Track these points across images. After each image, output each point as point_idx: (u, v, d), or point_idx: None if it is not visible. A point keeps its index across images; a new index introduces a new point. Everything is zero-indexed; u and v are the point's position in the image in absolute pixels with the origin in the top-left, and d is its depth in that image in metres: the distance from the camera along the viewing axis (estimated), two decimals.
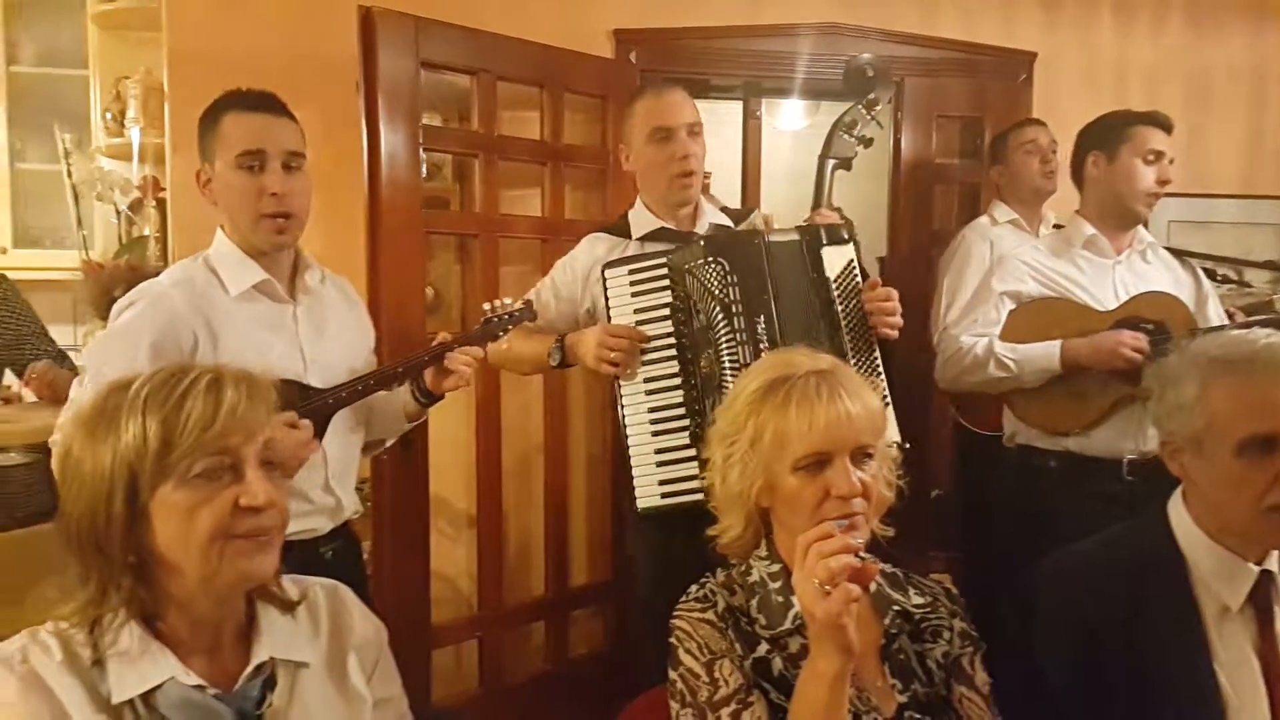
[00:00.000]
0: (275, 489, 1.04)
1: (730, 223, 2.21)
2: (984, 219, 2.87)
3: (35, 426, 2.36)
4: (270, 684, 1.06)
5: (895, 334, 1.93)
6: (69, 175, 2.88)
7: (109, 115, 2.97)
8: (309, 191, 1.75)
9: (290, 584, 1.14)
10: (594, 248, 2.18)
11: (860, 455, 1.23)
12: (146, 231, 2.73)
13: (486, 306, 1.88)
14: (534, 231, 2.73)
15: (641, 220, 2.18)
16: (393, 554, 2.44)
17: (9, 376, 2.60)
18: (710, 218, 2.19)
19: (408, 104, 2.40)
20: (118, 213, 2.77)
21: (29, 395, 2.49)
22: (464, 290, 2.76)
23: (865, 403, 1.24)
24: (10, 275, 2.73)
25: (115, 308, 1.70)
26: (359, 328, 1.92)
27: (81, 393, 1.66)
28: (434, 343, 1.83)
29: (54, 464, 1.62)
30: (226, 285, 1.72)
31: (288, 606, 1.12)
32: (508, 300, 1.90)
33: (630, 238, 2.17)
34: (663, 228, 2.15)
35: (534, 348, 2.14)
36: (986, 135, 3.12)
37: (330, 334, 1.81)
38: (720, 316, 1.88)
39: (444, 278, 2.80)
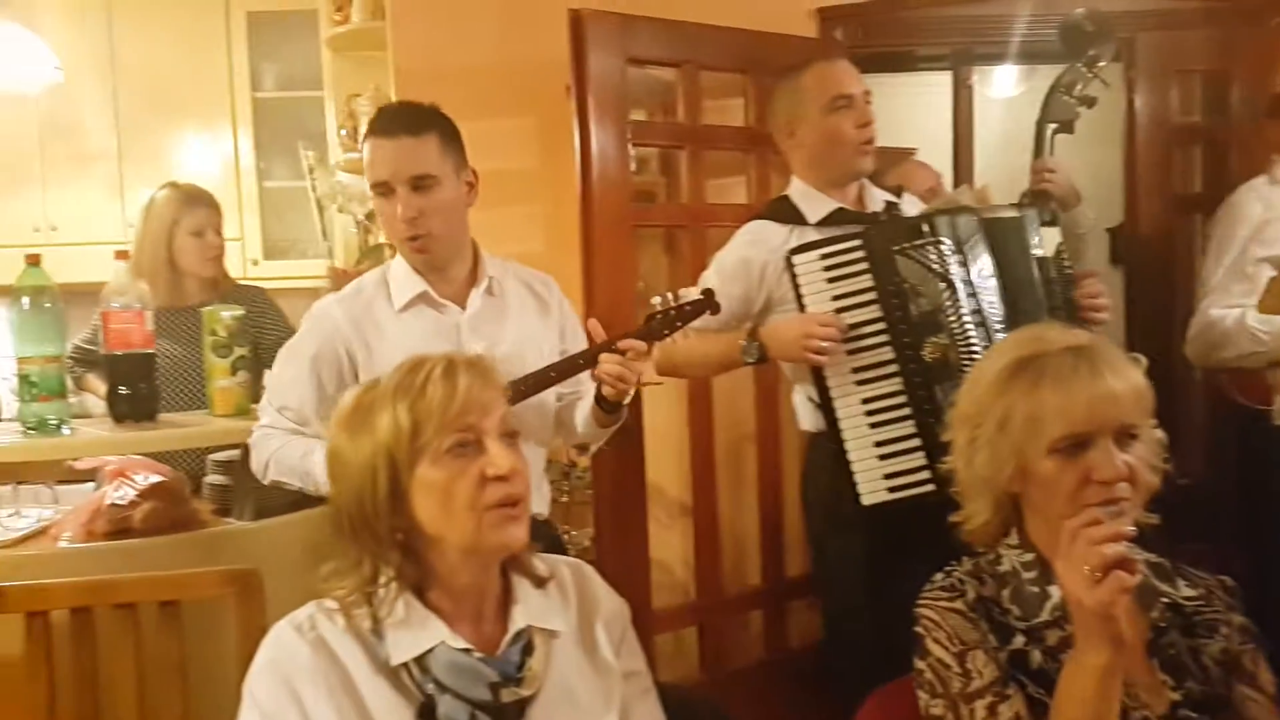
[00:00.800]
0: (518, 459, 1.10)
1: (895, 201, 2.11)
2: (1261, 178, 2.57)
3: None
4: (529, 650, 1.12)
5: (1102, 322, 1.82)
6: (313, 190, 3.13)
7: (343, 132, 3.20)
8: (446, 207, 1.74)
9: (539, 561, 1.20)
10: (765, 237, 2.08)
11: (1124, 436, 1.15)
12: (381, 239, 2.93)
13: (655, 301, 1.73)
14: (740, 220, 2.68)
15: (815, 203, 2.07)
16: (613, 540, 2.50)
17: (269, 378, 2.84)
18: (879, 195, 2.09)
19: (616, 101, 2.45)
20: (356, 223, 2.98)
21: None
22: (672, 282, 2.79)
23: (1129, 379, 1.16)
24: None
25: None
26: (545, 331, 1.89)
27: (262, 401, 1.84)
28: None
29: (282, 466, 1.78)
30: (393, 298, 1.80)
31: (539, 581, 1.18)
32: (683, 291, 1.75)
33: (803, 223, 2.06)
34: (841, 209, 2.04)
35: (718, 348, 2.04)
36: (1234, 89, 2.83)
37: (505, 341, 1.81)
38: (947, 299, 1.79)
39: (652, 270, 2.84)
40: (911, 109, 3.52)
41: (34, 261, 2.10)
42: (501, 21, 2.67)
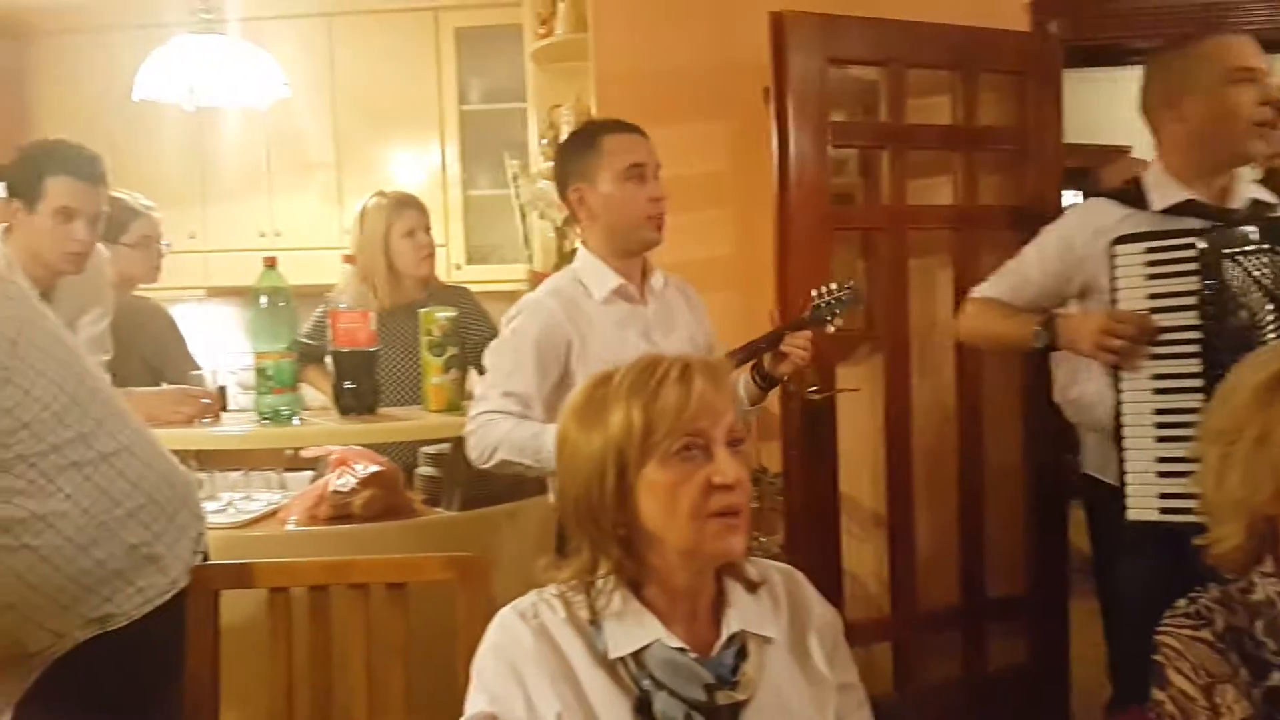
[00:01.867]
0: (743, 468, 1.09)
1: (1275, 199, 1.92)
2: None
3: None
4: (743, 654, 1.12)
5: None
6: (517, 197, 3.25)
7: (544, 141, 3.31)
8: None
9: (751, 565, 1.19)
10: (1095, 218, 1.95)
11: None
12: (577, 245, 3.01)
13: (814, 292, 1.94)
14: (944, 221, 2.62)
15: (1165, 189, 1.90)
16: (804, 549, 2.46)
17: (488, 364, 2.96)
18: (1248, 192, 1.91)
19: (816, 103, 2.42)
20: (555, 229, 3.07)
21: None
22: (869, 285, 2.72)
23: None
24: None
25: (504, 318, 1.95)
26: (699, 327, 2.08)
27: (481, 389, 1.93)
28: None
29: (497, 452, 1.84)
30: (591, 292, 1.93)
31: (752, 586, 1.17)
32: (833, 285, 1.95)
33: (1147, 208, 1.91)
34: (1192, 200, 1.87)
35: (1012, 326, 2.01)
36: None
37: (678, 331, 2.00)
38: (1269, 315, 1.64)
39: (844, 274, 2.78)
40: (1127, 105, 3.30)
41: (271, 264, 2.28)
42: (700, 27, 2.69)
